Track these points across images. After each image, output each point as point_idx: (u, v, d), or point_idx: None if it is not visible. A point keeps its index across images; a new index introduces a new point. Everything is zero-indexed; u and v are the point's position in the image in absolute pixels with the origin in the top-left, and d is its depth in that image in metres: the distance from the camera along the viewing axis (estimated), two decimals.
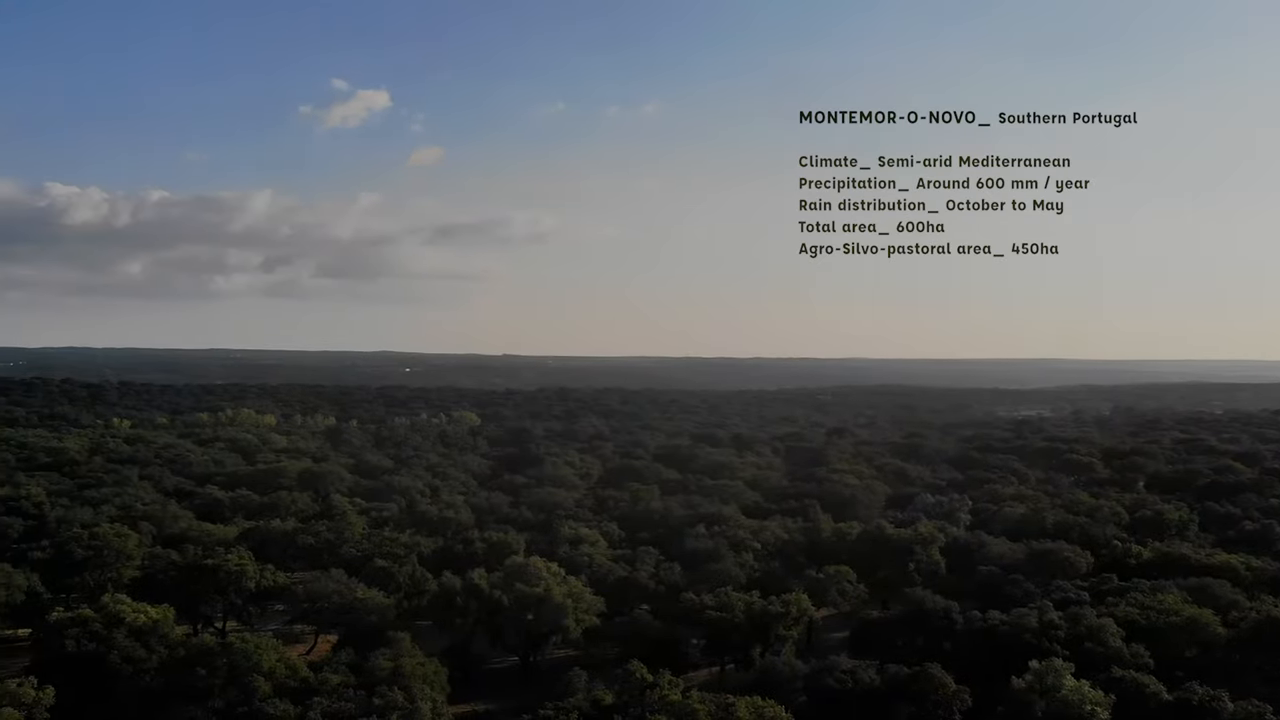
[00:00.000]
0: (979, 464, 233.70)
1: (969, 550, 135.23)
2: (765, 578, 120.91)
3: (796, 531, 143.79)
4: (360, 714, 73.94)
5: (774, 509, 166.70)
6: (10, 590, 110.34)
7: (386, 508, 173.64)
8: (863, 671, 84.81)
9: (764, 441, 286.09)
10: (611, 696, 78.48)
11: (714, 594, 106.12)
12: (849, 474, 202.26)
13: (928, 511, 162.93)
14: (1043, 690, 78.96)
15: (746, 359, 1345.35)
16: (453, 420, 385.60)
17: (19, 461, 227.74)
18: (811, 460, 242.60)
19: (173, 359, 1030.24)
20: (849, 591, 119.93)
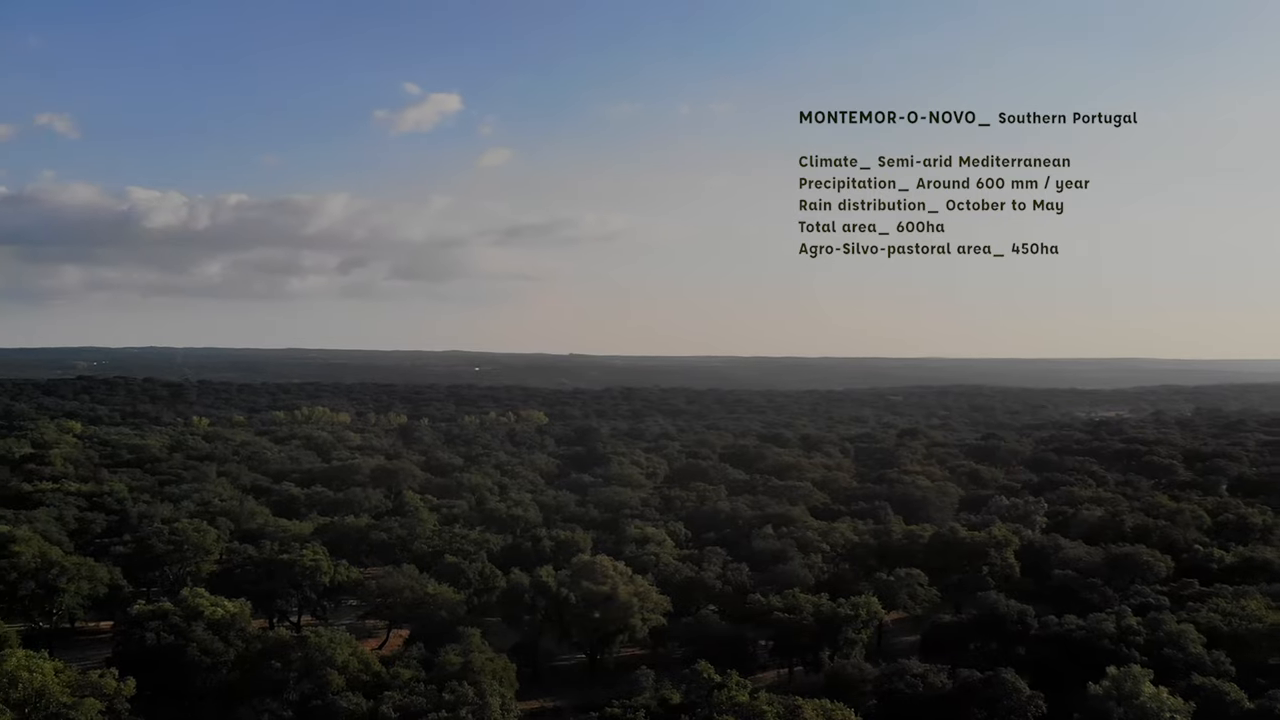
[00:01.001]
0: (1055, 466, 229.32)
1: (1044, 554, 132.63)
2: (834, 580, 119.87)
3: (866, 533, 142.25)
4: (431, 709, 74.69)
5: (843, 510, 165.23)
6: (93, 583, 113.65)
7: (456, 505, 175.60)
8: (934, 675, 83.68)
9: (833, 442, 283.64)
10: (679, 696, 78.38)
11: (782, 595, 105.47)
12: (921, 475, 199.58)
13: (1002, 514, 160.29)
14: (1120, 697, 77.15)
15: (815, 358, 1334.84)
16: (521, 419, 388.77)
17: (102, 458, 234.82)
18: (882, 461, 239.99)
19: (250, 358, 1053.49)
20: (920, 595, 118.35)
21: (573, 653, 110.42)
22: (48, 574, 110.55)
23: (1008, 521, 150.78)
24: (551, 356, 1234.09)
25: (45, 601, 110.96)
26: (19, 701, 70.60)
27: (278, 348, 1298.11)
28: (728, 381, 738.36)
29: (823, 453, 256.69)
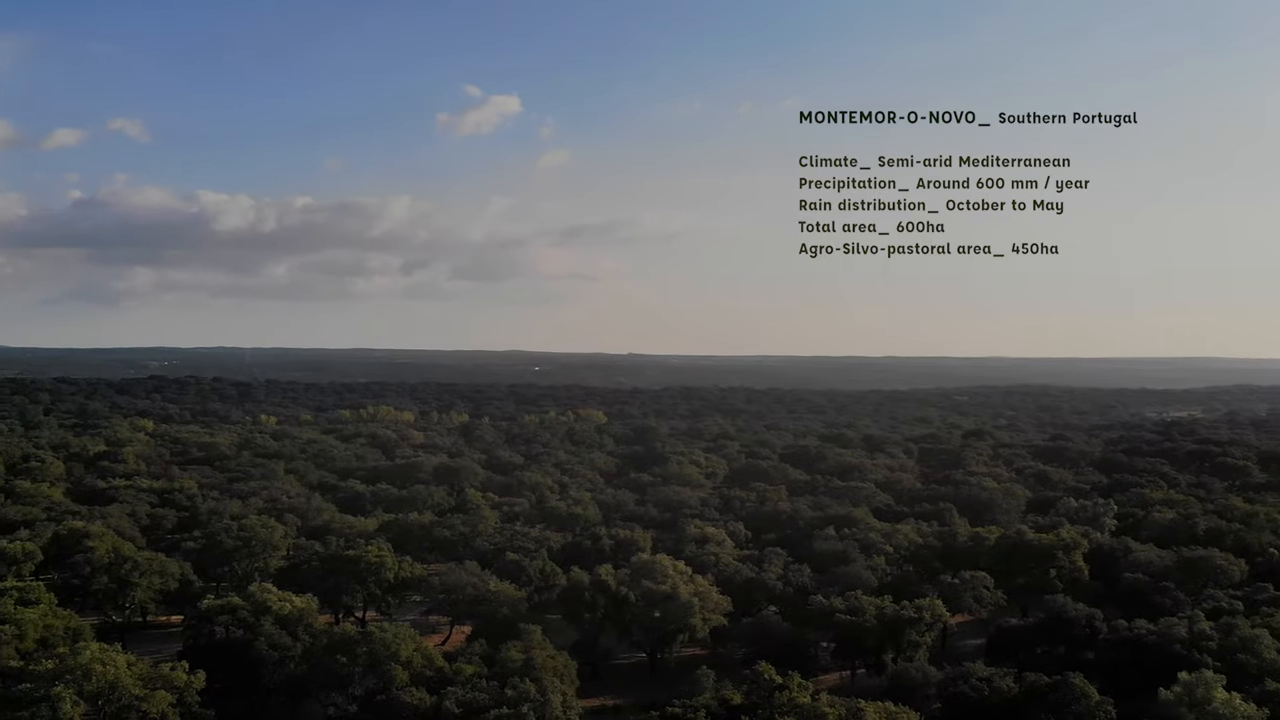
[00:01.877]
0: (1125, 467, 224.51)
1: (1114, 556, 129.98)
2: (898, 582, 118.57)
3: (931, 535, 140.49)
4: (493, 705, 75.20)
5: (907, 512, 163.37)
6: (164, 578, 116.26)
7: (517, 503, 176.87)
8: (1000, 679, 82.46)
9: (896, 443, 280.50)
10: (740, 696, 78.04)
11: (844, 597, 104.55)
12: (987, 477, 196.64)
13: (1070, 516, 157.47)
14: (1192, 703, 75.33)
15: (879, 358, 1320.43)
16: (580, 418, 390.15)
17: (173, 456, 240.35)
18: (947, 462, 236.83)
19: (316, 358, 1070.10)
20: (986, 597, 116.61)
21: (633, 651, 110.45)
22: (121, 569, 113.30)
23: (1076, 524, 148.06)
24: (610, 356, 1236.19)
25: (118, 596, 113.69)
26: (93, 693, 72.49)
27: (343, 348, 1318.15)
28: (788, 381, 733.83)
29: (886, 453, 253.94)
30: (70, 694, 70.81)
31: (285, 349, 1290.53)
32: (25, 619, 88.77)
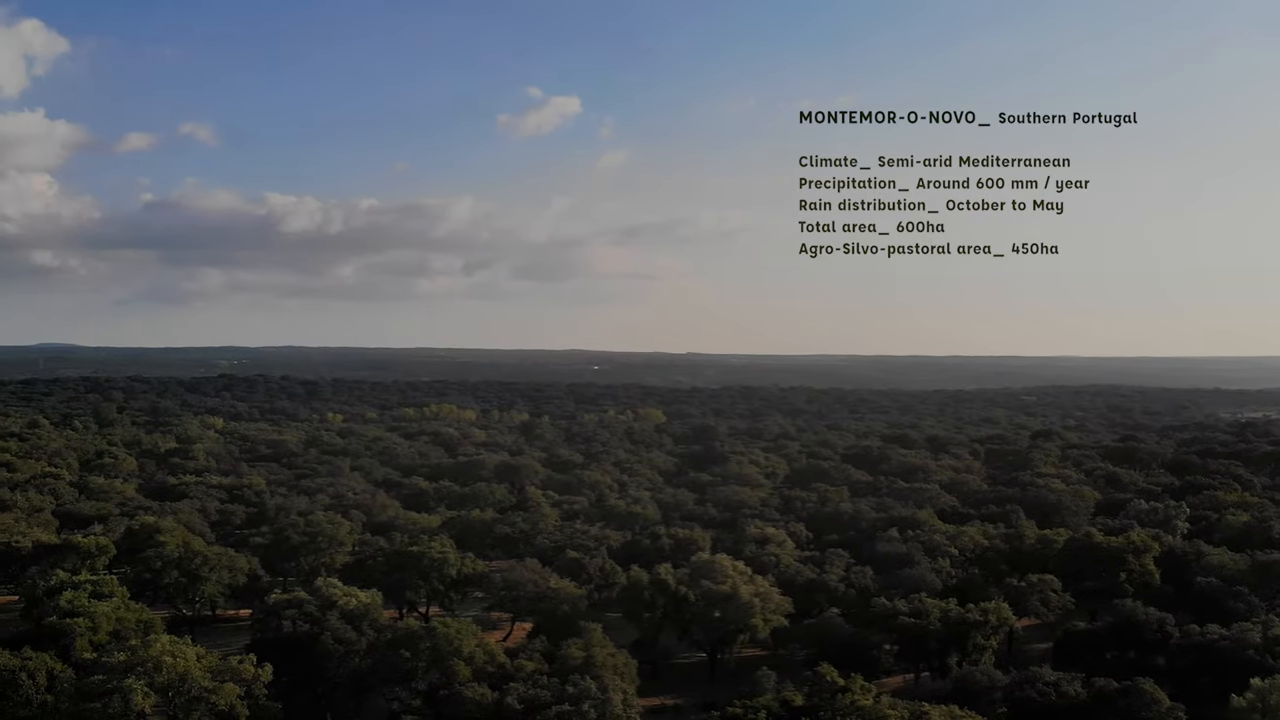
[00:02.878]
0: (1198, 469, 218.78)
1: (1186, 560, 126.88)
2: (963, 584, 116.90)
3: (997, 538, 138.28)
4: (554, 701, 75.49)
5: (973, 514, 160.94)
6: (233, 573, 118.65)
7: (577, 501, 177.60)
8: (1067, 684, 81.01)
9: (962, 443, 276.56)
10: (801, 698, 77.51)
11: (908, 600, 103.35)
12: (1055, 478, 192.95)
13: (1141, 519, 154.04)
14: (1265, 710, 73.50)
15: (943, 357, 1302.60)
16: (639, 417, 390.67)
17: (242, 453, 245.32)
18: (1014, 464, 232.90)
19: (381, 357, 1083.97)
20: (1053, 601, 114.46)
21: (692, 651, 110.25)
22: (191, 563, 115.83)
23: (1147, 526, 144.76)
24: (669, 355, 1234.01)
25: (188, 589, 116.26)
26: (163, 685, 74.05)
27: (407, 347, 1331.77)
28: (849, 380, 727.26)
29: (951, 454, 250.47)
30: (141, 685, 72.39)
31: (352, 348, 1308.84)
32: (99, 612, 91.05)
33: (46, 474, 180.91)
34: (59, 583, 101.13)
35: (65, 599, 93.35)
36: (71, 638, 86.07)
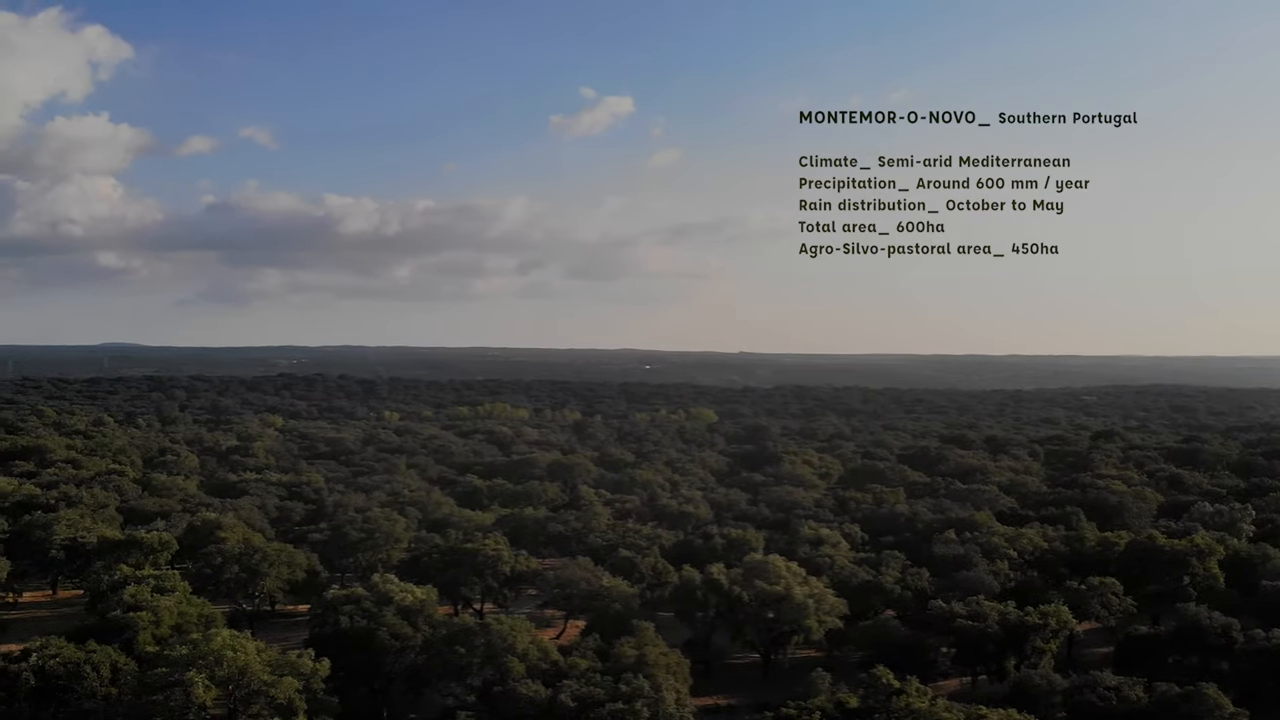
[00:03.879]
0: (1265, 470, 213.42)
1: (1251, 564, 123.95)
2: (1021, 587, 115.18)
3: (1057, 540, 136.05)
4: (608, 699, 75.60)
5: (1032, 515, 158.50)
6: (292, 568, 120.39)
7: (629, 500, 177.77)
8: (1128, 689, 79.51)
9: (1020, 444, 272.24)
10: (856, 700, 76.85)
11: (965, 602, 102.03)
12: (1116, 480, 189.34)
13: (1205, 521, 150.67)
14: None
15: (1002, 356, 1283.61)
16: (691, 416, 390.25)
17: (301, 450, 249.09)
18: (1074, 465, 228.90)
19: (436, 357, 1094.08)
20: (1114, 605, 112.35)
21: (746, 651, 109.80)
22: (251, 559, 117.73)
23: (1211, 529, 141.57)
24: (721, 354, 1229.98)
25: (248, 584, 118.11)
26: (224, 679, 75.34)
27: (462, 346, 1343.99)
28: (906, 380, 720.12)
29: (1009, 455, 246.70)
30: (203, 679, 73.69)
31: (408, 347, 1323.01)
32: (161, 606, 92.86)
33: (111, 471, 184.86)
34: (123, 577, 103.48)
35: (129, 593, 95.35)
36: (135, 631, 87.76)
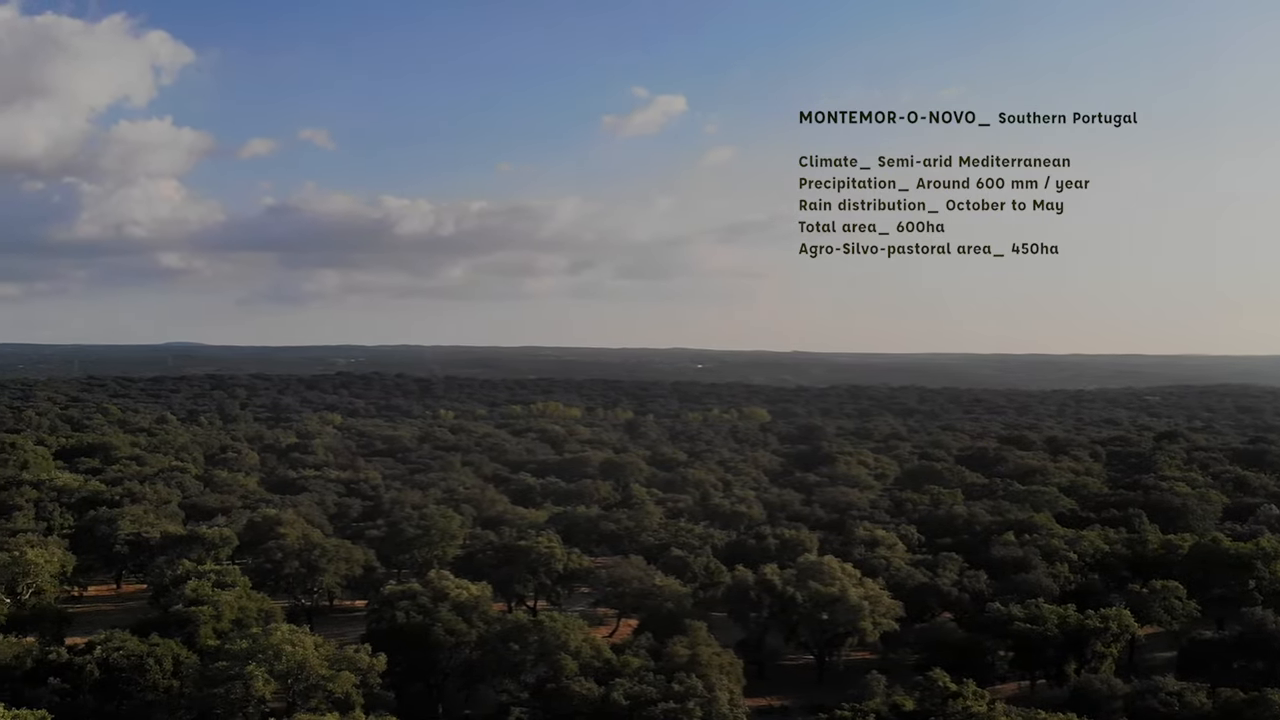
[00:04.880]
0: None
1: None
2: (1082, 590, 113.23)
3: (1118, 542, 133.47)
4: (660, 699, 75.46)
5: (1093, 518, 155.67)
6: (350, 564, 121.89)
7: (681, 499, 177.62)
8: (1191, 694, 77.76)
9: (1082, 445, 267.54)
10: (912, 703, 75.94)
11: (1024, 605, 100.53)
12: (1180, 481, 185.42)
13: (1271, 524, 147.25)
14: None
15: (1063, 355, 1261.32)
16: (744, 416, 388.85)
17: (359, 448, 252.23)
18: (1137, 466, 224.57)
19: (490, 356, 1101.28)
20: (1177, 609, 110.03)
21: (799, 652, 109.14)
22: (310, 554, 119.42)
23: (1277, 532, 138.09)
24: (774, 354, 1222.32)
25: (307, 580, 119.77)
26: (282, 673, 76.35)
27: (515, 345, 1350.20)
28: (964, 380, 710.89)
29: (1070, 456, 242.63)
30: (262, 672, 74.73)
31: (462, 347, 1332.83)
32: (222, 600, 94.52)
33: (174, 468, 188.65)
34: (185, 572, 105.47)
35: (190, 588, 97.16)
36: (196, 625, 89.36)
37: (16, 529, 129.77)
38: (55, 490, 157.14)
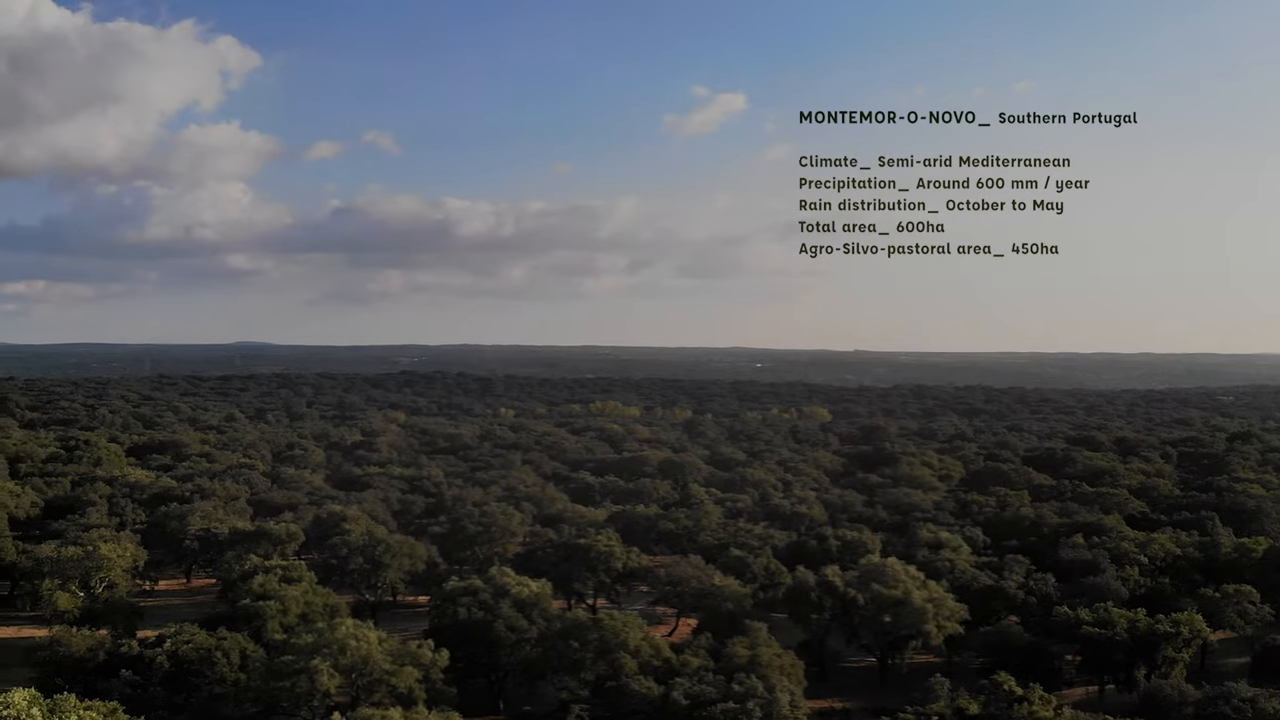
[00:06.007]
0: None
1: None
2: (1152, 594, 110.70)
3: (1190, 545, 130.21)
4: (720, 699, 75.19)
5: (1163, 520, 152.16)
6: (413, 560, 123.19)
7: (740, 499, 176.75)
8: (1264, 701, 75.84)
9: (1152, 446, 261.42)
10: (976, 707, 74.83)
11: (1092, 609, 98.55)
12: (1254, 484, 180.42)
13: None
14: None
15: (1132, 354, 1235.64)
16: (804, 416, 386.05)
17: (422, 445, 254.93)
18: (1209, 468, 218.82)
19: (549, 355, 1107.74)
20: (1251, 613, 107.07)
21: (861, 655, 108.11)
22: (374, 550, 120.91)
23: None
24: (835, 353, 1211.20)
25: (371, 575, 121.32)
26: (347, 667, 77.42)
27: (573, 345, 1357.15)
28: (1031, 379, 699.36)
29: (1140, 457, 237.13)
30: (327, 666, 75.81)
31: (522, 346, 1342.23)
32: (289, 595, 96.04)
33: (242, 465, 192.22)
34: (252, 567, 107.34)
35: (258, 583, 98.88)
36: (263, 620, 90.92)
37: (90, 524, 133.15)
38: (128, 486, 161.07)
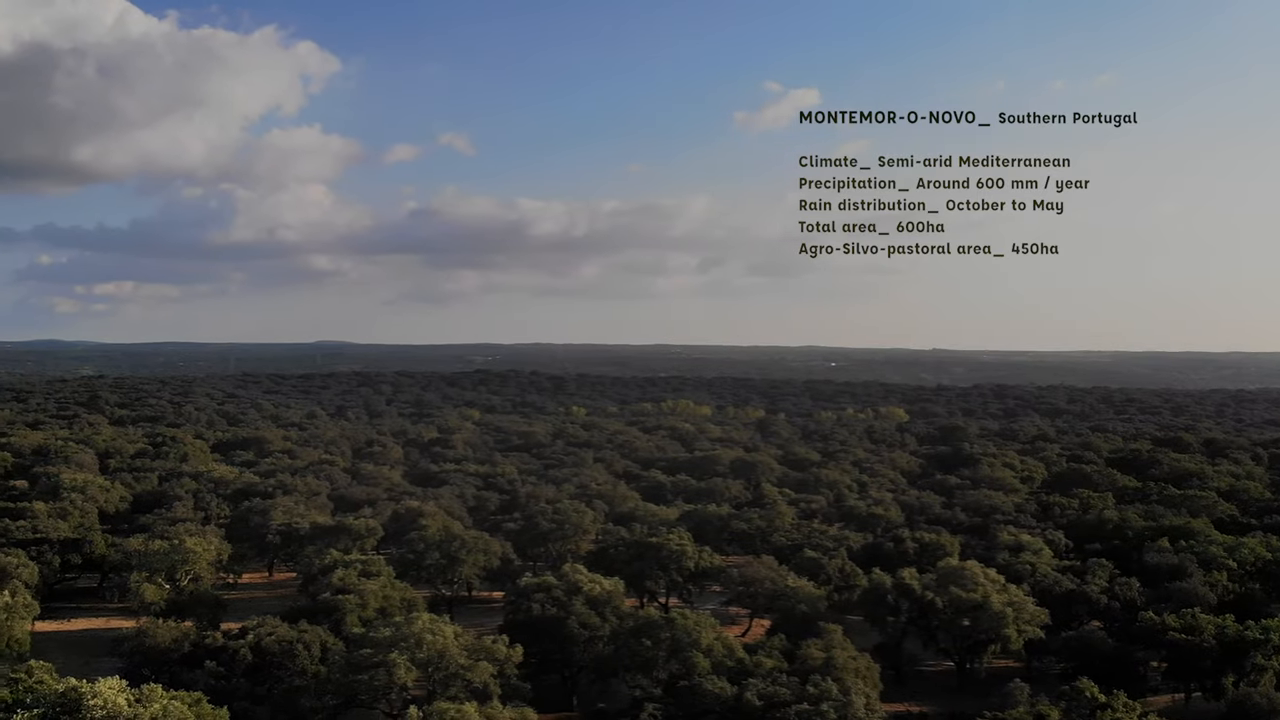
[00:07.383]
0: None
1: None
2: (1242, 600, 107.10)
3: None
4: (794, 700, 74.45)
5: (1254, 524, 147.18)
6: (488, 556, 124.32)
7: (814, 500, 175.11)
8: None
9: (1243, 447, 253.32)
10: (1057, 713, 73.04)
11: (1178, 614, 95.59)
12: None
13: None
14: None
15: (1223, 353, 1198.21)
16: (880, 416, 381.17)
17: (496, 443, 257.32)
18: None
19: (621, 354, 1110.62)
20: None
21: (939, 659, 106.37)
22: (450, 546, 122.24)
23: None
24: (911, 351, 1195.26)
25: (447, 570, 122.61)
26: (423, 661, 78.31)
27: (645, 344, 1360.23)
28: (1116, 379, 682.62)
29: (1230, 459, 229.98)
30: (404, 660, 76.77)
31: (594, 345, 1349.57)
32: (367, 589, 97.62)
33: (323, 461, 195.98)
34: (332, 561, 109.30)
35: (337, 577, 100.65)
36: (342, 613, 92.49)
37: (176, 518, 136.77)
38: (212, 482, 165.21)
